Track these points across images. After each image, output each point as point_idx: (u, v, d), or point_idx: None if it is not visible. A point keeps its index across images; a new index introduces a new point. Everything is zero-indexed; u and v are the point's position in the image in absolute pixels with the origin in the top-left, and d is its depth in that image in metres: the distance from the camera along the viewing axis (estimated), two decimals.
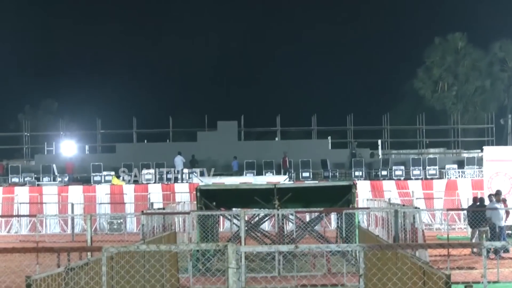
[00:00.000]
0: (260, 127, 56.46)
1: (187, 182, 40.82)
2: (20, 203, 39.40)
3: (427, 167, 43.21)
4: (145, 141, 53.68)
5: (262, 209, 21.96)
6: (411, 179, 41.56)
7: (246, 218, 20.00)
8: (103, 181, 42.28)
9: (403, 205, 23.38)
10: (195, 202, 23.41)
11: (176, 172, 43.44)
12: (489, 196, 24.86)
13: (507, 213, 23.51)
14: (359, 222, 21.41)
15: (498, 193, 24.08)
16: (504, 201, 24.35)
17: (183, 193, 38.22)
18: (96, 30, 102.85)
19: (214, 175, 43.30)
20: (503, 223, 22.98)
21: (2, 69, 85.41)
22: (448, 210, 33.38)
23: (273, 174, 43.07)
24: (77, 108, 67.93)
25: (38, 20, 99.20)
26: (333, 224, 26.04)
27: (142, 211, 23.11)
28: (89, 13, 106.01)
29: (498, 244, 17.80)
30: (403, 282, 10.01)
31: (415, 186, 39.76)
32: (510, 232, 24.84)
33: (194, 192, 23.76)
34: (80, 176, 44.41)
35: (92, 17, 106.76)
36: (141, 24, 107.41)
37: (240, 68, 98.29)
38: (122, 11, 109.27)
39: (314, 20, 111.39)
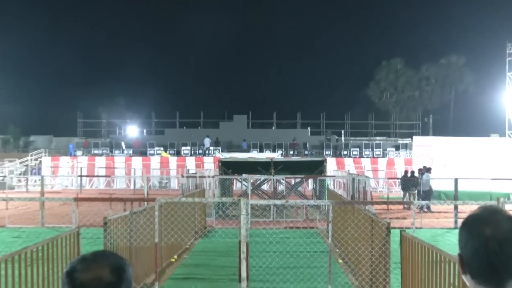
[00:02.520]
0: (262, 120, 56.28)
1: (212, 156, 40.87)
2: (99, 167, 39.56)
3: (374, 149, 43.14)
4: (184, 127, 53.59)
5: (262, 175, 22.06)
6: (363, 157, 41.57)
7: (252, 181, 19.99)
8: (155, 154, 42.37)
9: (358, 175, 23.36)
10: (218, 170, 23.50)
11: (205, 149, 43.60)
12: (419, 169, 24.83)
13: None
14: (328, 185, 21.39)
15: (429, 169, 24.10)
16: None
17: (209, 163, 38.31)
18: (149, 44, 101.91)
19: (230, 151, 43.38)
20: (429, 187, 23.11)
21: (93, 73, 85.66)
22: (388, 178, 33.53)
23: (270, 151, 43.04)
24: (139, 104, 67.66)
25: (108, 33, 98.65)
26: (310, 186, 25.95)
27: (182, 175, 23.13)
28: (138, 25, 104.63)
29: (423, 202, 17.83)
30: (358, 227, 10.02)
31: (366, 162, 39.85)
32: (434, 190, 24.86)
33: (218, 162, 23.90)
34: (140, 150, 44.42)
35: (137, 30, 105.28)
36: (186, 40, 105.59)
37: (248, 77, 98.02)
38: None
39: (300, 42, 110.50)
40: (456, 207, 18.41)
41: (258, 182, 23.09)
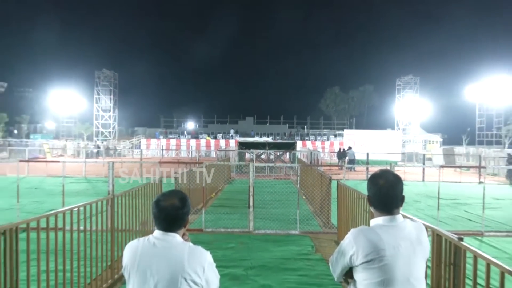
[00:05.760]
0: (261, 119, 55.77)
1: (234, 139, 40.85)
2: (172, 145, 39.70)
3: (323, 136, 43.11)
4: (219, 123, 53.39)
5: (262, 150, 22.04)
6: (317, 141, 41.43)
7: (255, 153, 19.99)
8: (203, 138, 42.40)
9: (313, 150, 23.34)
10: (237, 147, 23.50)
11: (230, 135, 43.55)
12: (348, 147, 24.73)
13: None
14: (297, 156, 21.39)
15: (351, 147, 24.01)
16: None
17: (232, 143, 38.28)
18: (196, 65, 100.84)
19: (244, 137, 43.40)
20: (354, 157, 23.03)
21: (167, 91, 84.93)
22: (330, 152, 33.40)
23: (266, 137, 43.00)
24: (193, 109, 66.29)
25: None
26: (288, 156, 25.94)
27: (217, 150, 23.17)
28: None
29: (350, 165, 17.61)
30: (313, 179, 10.00)
31: (318, 143, 39.80)
32: (356, 159, 24.72)
33: (237, 143, 23.84)
34: (195, 136, 44.44)
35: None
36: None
37: (253, 94, 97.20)
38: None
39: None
40: (367, 168, 18.39)
41: (259, 153, 23.09)
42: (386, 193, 1.77)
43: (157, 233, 1.74)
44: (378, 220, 1.78)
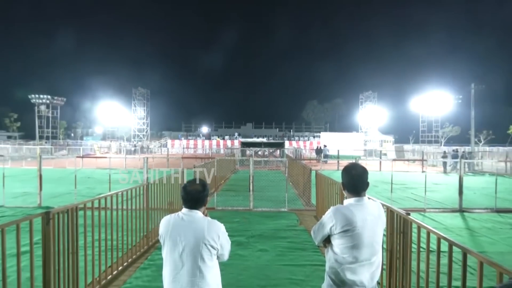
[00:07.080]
0: (258, 125, 55.91)
1: (237, 140, 40.66)
2: (190, 144, 39.39)
3: (305, 137, 43.02)
4: (226, 128, 53.32)
5: (259, 147, 21.98)
6: (300, 141, 41.33)
7: (254, 150, 19.91)
8: (214, 139, 42.11)
9: (298, 148, 23.31)
10: (240, 146, 23.38)
11: (235, 137, 43.38)
12: (323, 146, 24.65)
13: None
14: (285, 152, 21.32)
15: (325, 145, 23.91)
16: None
17: (236, 143, 38.15)
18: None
19: (246, 138, 43.19)
20: (328, 153, 22.88)
21: (188, 106, 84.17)
22: (310, 149, 33.35)
23: (262, 138, 42.90)
24: (206, 117, 65.98)
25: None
26: (278, 152, 25.92)
27: (225, 148, 23.06)
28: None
29: (325, 159, 17.50)
30: (298, 169, 9.98)
31: (301, 143, 39.64)
32: (329, 154, 24.60)
33: (240, 143, 23.71)
34: (208, 138, 44.26)
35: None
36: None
37: (252, 103, 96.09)
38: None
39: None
40: (338, 161, 18.41)
41: (257, 150, 23.03)
42: (357, 180, 1.80)
43: (184, 210, 1.77)
44: (350, 200, 1.81)
